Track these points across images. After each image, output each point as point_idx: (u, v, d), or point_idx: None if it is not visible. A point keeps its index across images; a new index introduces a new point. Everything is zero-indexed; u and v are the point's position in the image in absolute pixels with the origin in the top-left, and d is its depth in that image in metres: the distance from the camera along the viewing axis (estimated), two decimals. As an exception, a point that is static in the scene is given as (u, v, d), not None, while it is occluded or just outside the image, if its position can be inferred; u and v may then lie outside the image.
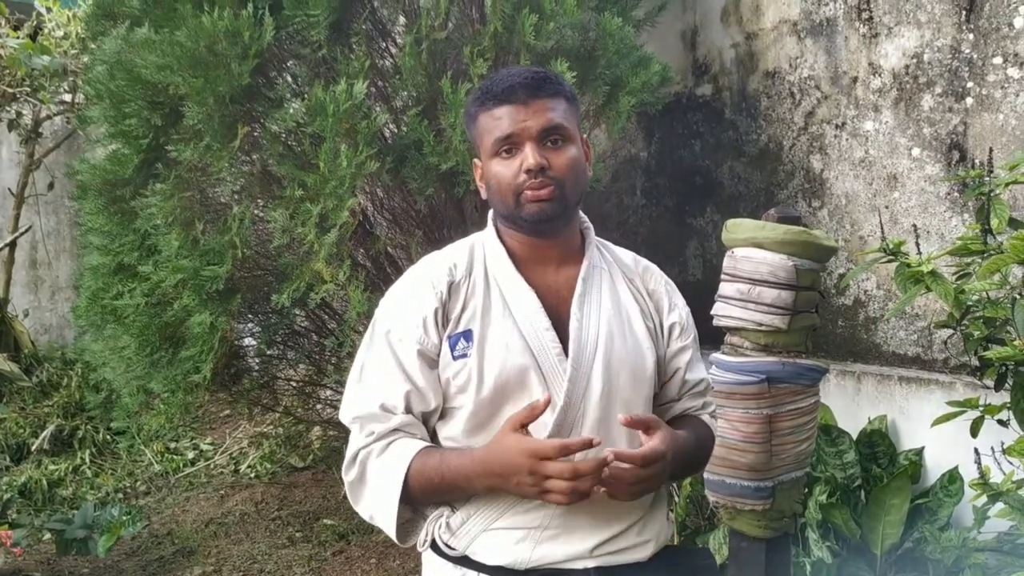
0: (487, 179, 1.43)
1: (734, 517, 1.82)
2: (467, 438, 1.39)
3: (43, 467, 5.02)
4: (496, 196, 1.41)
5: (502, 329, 1.38)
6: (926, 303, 3.20)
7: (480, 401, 1.36)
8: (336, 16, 3.04)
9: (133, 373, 3.37)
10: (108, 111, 3.24)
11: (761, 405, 1.73)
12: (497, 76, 1.45)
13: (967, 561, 2.50)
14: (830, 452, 2.94)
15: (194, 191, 3.20)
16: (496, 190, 1.41)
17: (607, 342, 1.41)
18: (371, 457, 1.37)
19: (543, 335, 1.38)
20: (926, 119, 3.21)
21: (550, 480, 1.24)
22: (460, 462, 1.34)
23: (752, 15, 3.77)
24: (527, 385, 1.36)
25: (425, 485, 1.34)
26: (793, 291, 1.75)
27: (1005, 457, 1.92)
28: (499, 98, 1.39)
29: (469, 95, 1.46)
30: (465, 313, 1.40)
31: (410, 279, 1.47)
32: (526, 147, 1.37)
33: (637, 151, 4.33)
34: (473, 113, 1.44)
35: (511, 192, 1.38)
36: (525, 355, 1.37)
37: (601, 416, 1.39)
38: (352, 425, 1.40)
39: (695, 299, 1.74)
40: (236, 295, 3.13)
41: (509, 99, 1.39)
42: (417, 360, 1.38)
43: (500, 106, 1.39)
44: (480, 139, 1.43)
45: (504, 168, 1.39)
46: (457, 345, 1.38)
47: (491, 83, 1.43)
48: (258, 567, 3.81)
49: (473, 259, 1.45)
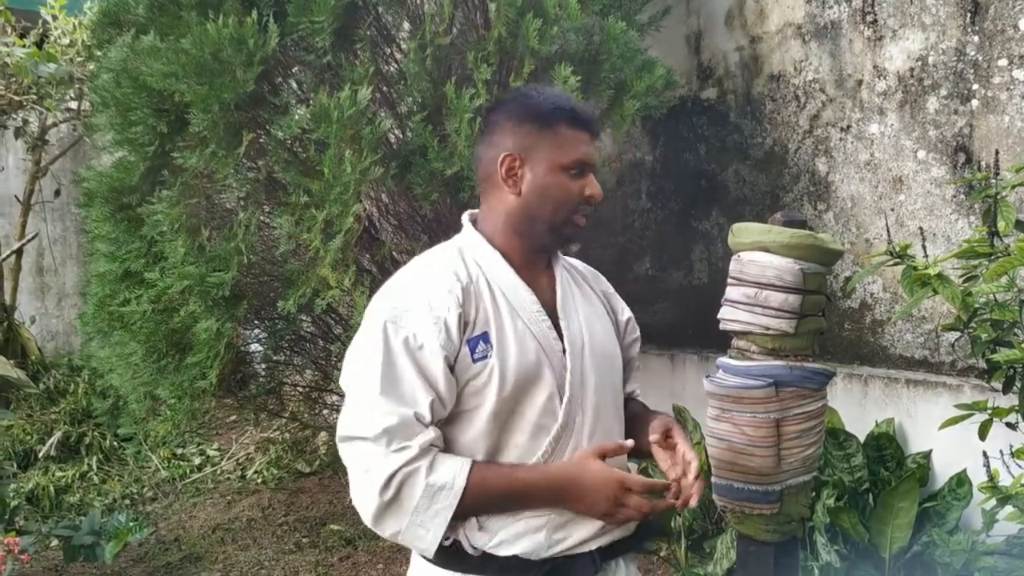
0: (544, 184, 1.46)
1: (742, 521, 1.81)
2: (484, 438, 1.42)
3: (50, 474, 5.03)
4: (549, 204, 1.47)
5: (514, 329, 1.44)
6: (933, 306, 3.19)
7: (503, 400, 1.41)
8: (340, 22, 3.05)
9: (140, 379, 3.37)
10: (114, 118, 3.26)
11: (768, 409, 1.72)
12: (571, 99, 1.51)
13: (976, 565, 2.49)
14: (838, 456, 2.94)
15: (200, 198, 3.20)
16: (553, 199, 1.47)
17: (591, 338, 1.52)
18: (418, 476, 1.34)
19: (548, 333, 1.46)
20: (931, 122, 3.20)
21: (625, 509, 1.40)
22: (530, 477, 1.41)
23: (756, 18, 3.77)
24: (542, 380, 1.43)
25: (481, 500, 1.38)
26: (800, 295, 1.74)
27: (1014, 460, 1.92)
28: (584, 124, 1.48)
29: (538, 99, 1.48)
30: (479, 316, 1.43)
31: (416, 284, 1.45)
32: (590, 177, 1.49)
33: (642, 155, 4.33)
34: (551, 121, 1.47)
35: (569, 208, 1.48)
36: (539, 353, 1.44)
37: (596, 405, 1.49)
38: (377, 440, 1.34)
39: (701, 303, 1.74)
40: (242, 301, 3.14)
41: (591, 129, 1.49)
42: (443, 366, 1.38)
43: (583, 131, 1.48)
44: (553, 148, 1.46)
45: (572, 186, 1.47)
46: (477, 348, 1.41)
47: (573, 105, 1.49)
48: (265, 573, 3.81)
49: (467, 264, 1.48)
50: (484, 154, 1.52)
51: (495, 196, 1.51)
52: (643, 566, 3.59)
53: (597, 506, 1.40)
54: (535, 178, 1.46)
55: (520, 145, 1.47)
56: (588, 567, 1.45)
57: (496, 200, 1.51)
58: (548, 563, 1.42)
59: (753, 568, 1.83)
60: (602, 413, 1.50)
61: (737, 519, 1.82)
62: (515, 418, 1.42)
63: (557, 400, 1.44)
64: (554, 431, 1.43)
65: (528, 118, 1.47)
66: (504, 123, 1.49)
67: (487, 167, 1.51)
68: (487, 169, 1.51)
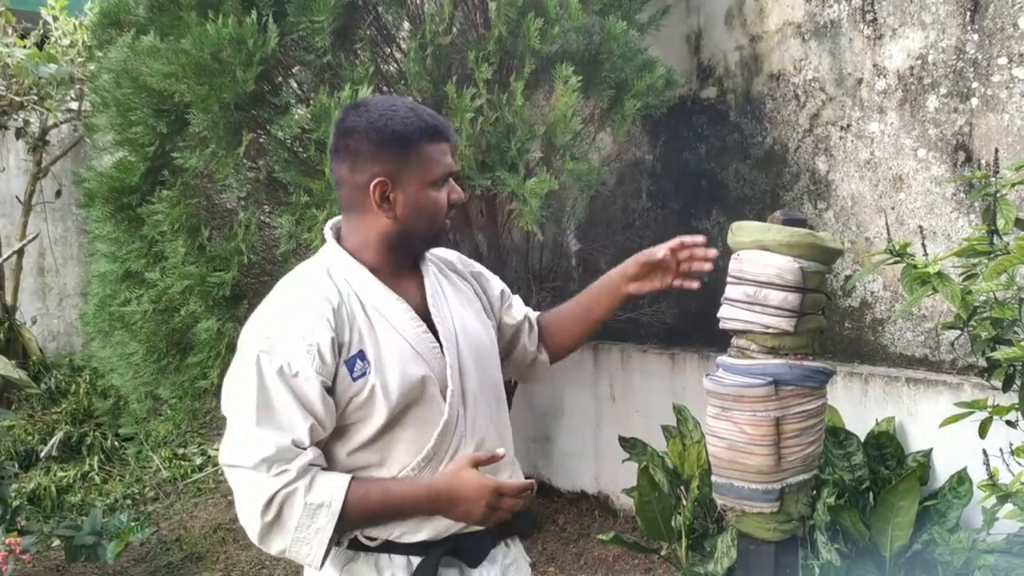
0: (417, 203, 1.51)
1: (742, 520, 1.81)
2: (371, 447, 1.49)
3: (52, 474, 5.04)
4: (425, 220, 1.53)
5: (390, 342, 1.50)
6: (933, 304, 3.20)
7: (392, 411, 1.47)
8: (340, 22, 3.05)
9: (141, 379, 3.38)
10: (114, 119, 3.26)
11: (768, 408, 1.72)
12: (422, 111, 1.53)
13: (976, 563, 2.50)
14: (838, 454, 2.94)
15: (200, 198, 3.21)
16: (428, 215, 1.53)
17: (463, 329, 1.60)
18: (296, 496, 1.39)
19: (423, 337, 1.53)
20: (931, 120, 3.20)
21: (500, 512, 1.49)
22: (407, 491, 1.48)
23: (756, 18, 3.77)
24: (425, 382, 1.50)
25: (361, 513, 1.45)
26: (800, 293, 1.74)
27: (1014, 458, 1.92)
28: (444, 136, 1.54)
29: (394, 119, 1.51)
30: (353, 336, 1.47)
31: (287, 311, 1.47)
32: (451, 183, 1.56)
33: (642, 154, 4.33)
34: (411, 141, 1.49)
35: (442, 217, 1.55)
36: (417, 360, 1.51)
37: (475, 392, 1.58)
38: (257, 468, 1.39)
39: (700, 302, 1.75)
40: (243, 301, 3.15)
41: (449, 138, 1.55)
42: (319, 391, 1.42)
43: (444, 143, 1.53)
44: (419, 168, 1.50)
45: (441, 197, 1.54)
46: (355, 367, 1.46)
47: (429, 118, 1.52)
48: (266, 573, 3.82)
49: (337, 283, 1.51)
50: (348, 178, 1.52)
51: (366, 217, 1.53)
52: (644, 565, 3.60)
53: (472, 513, 1.48)
54: (407, 198, 1.51)
55: (387, 170, 1.49)
56: (485, 543, 1.59)
57: (367, 221, 1.53)
58: (450, 540, 1.53)
59: (753, 567, 1.83)
60: (480, 400, 1.58)
61: (737, 518, 1.82)
62: (403, 420, 1.49)
63: (440, 396, 1.52)
64: (441, 424, 1.51)
65: (390, 142, 1.49)
66: (365, 148, 1.49)
67: (355, 192, 1.52)
68: (355, 193, 1.52)
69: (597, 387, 4.20)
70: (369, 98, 1.89)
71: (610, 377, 4.14)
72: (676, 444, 3.25)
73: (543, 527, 4.02)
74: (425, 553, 1.51)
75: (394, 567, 1.52)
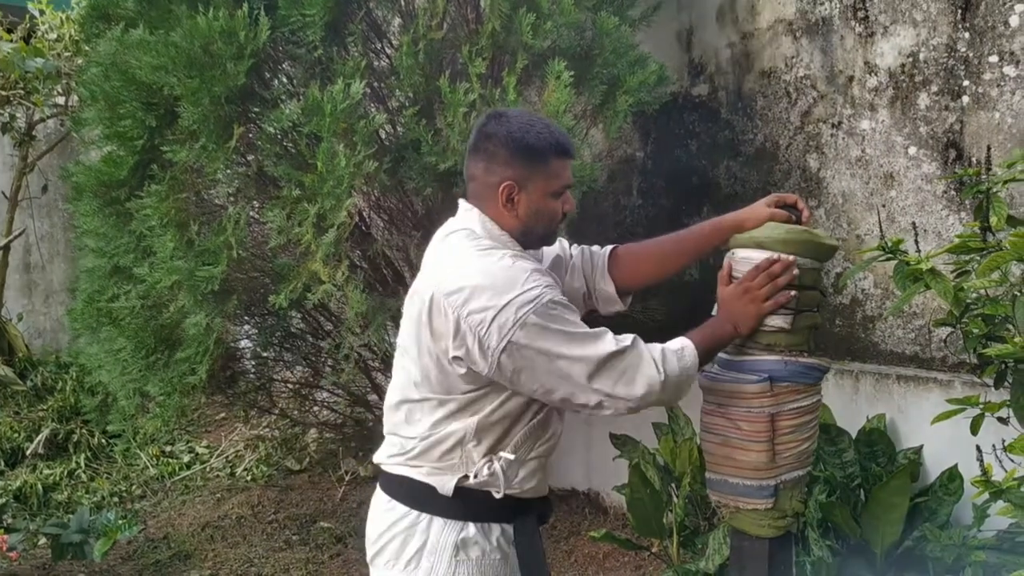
0: (537, 208, 1.72)
1: (736, 516, 1.81)
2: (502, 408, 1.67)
3: (38, 471, 4.99)
4: (543, 224, 1.74)
5: None
6: (924, 301, 3.20)
7: None
8: (331, 16, 3.03)
9: (129, 376, 3.35)
10: (103, 113, 3.23)
11: (764, 404, 1.72)
12: (555, 129, 1.75)
13: (967, 559, 2.50)
14: (829, 451, 2.94)
15: (189, 192, 3.18)
16: (546, 220, 1.74)
17: None
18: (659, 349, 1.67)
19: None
20: (922, 118, 3.21)
21: (762, 291, 1.75)
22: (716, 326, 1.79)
23: (748, 15, 3.77)
24: None
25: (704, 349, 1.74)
26: (795, 291, 1.74)
27: (1006, 454, 1.92)
28: (570, 154, 1.75)
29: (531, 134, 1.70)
30: None
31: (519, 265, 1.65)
32: (567, 194, 1.76)
33: (633, 151, 4.33)
34: (545, 155, 1.70)
35: (556, 224, 1.77)
36: None
37: None
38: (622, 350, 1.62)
39: (694, 300, 1.76)
40: (232, 297, 3.12)
41: (572, 156, 1.77)
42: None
43: (568, 159, 1.75)
44: (545, 179, 1.71)
45: (558, 206, 1.75)
46: None
47: (560, 136, 1.74)
48: (255, 570, 3.79)
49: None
50: (482, 177, 1.72)
51: (491, 209, 1.72)
52: (635, 562, 3.59)
53: (748, 310, 1.75)
54: (530, 203, 1.71)
55: (517, 175, 1.69)
56: (549, 508, 1.88)
57: (493, 213, 1.72)
58: (539, 502, 1.78)
59: (748, 563, 1.84)
60: None
61: (731, 514, 1.82)
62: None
63: None
64: None
65: (524, 152, 1.69)
66: (502, 153, 1.69)
67: (485, 188, 1.72)
68: (485, 191, 1.72)
69: (588, 384, 4.19)
70: (511, 109, 2.15)
71: (601, 374, 4.13)
72: (667, 441, 3.25)
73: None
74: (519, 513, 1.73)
75: (494, 533, 1.71)
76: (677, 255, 1.92)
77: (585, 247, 1.97)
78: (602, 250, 1.96)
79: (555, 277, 1.78)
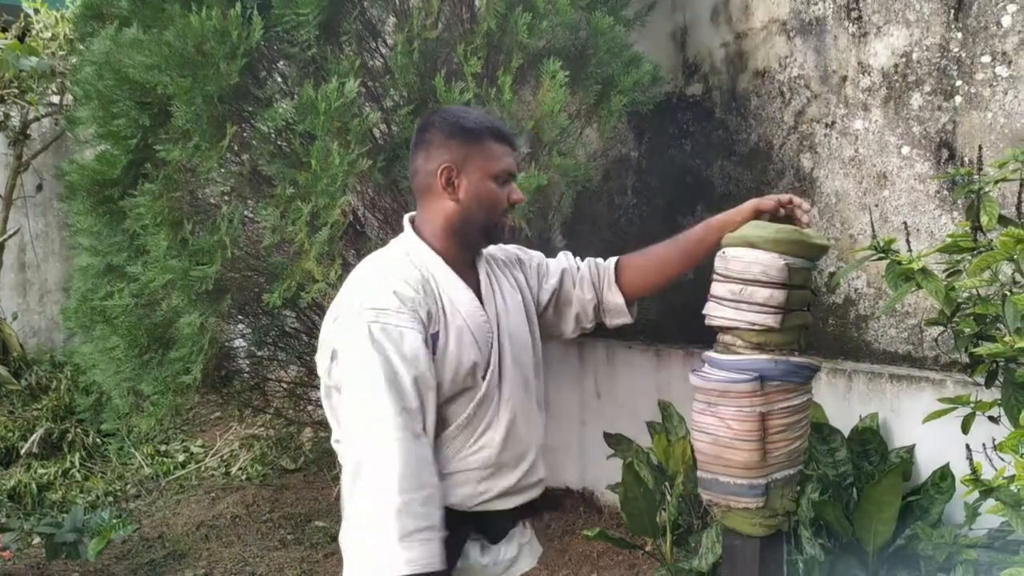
0: (477, 191, 1.69)
1: (727, 515, 1.81)
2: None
3: (32, 471, 4.99)
4: (484, 208, 1.70)
5: (454, 326, 1.66)
6: (916, 301, 3.21)
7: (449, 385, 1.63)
8: (325, 16, 3.03)
9: (123, 374, 3.34)
10: (96, 112, 3.22)
11: (754, 403, 1.72)
12: (493, 118, 1.75)
13: (959, 557, 2.51)
14: (822, 450, 2.95)
15: (183, 191, 3.18)
16: (487, 204, 1.70)
17: (506, 321, 1.76)
18: None
19: (483, 325, 1.70)
20: (915, 118, 3.22)
21: None
22: None
23: (741, 14, 3.78)
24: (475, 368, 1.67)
25: None
26: (785, 290, 1.74)
27: (996, 453, 1.93)
28: (507, 140, 1.73)
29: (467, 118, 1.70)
30: (433, 314, 1.64)
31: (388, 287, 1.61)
32: (512, 185, 1.74)
33: (628, 150, 4.34)
34: (480, 136, 1.69)
35: (500, 212, 1.71)
36: (473, 346, 1.67)
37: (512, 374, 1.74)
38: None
39: (686, 299, 1.76)
40: (226, 295, 3.12)
41: (512, 144, 1.75)
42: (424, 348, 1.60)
43: (507, 145, 1.72)
44: (484, 160, 1.69)
45: (501, 192, 1.71)
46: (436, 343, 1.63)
47: (497, 122, 1.74)
48: (250, 570, 3.79)
49: (417, 266, 1.68)
50: (421, 167, 1.71)
51: (434, 203, 1.71)
52: (628, 561, 3.60)
53: None
54: (470, 185, 1.68)
55: (454, 156, 1.68)
56: (506, 522, 1.76)
57: (435, 206, 1.71)
58: (474, 516, 1.68)
59: (739, 562, 1.84)
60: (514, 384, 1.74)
61: (723, 513, 1.82)
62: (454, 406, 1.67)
63: (482, 372, 1.67)
64: (477, 398, 1.67)
65: (460, 132, 1.69)
66: (438, 138, 1.69)
67: (425, 178, 1.71)
68: (425, 180, 1.71)
69: (582, 383, 4.20)
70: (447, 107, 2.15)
71: (595, 373, 4.14)
72: (661, 440, 3.26)
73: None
74: (455, 527, 1.62)
75: None
76: (676, 261, 1.93)
77: (590, 259, 1.97)
78: (606, 262, 1.96)
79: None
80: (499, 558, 1.77)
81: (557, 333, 1.97)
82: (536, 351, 1.84)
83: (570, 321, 1.94)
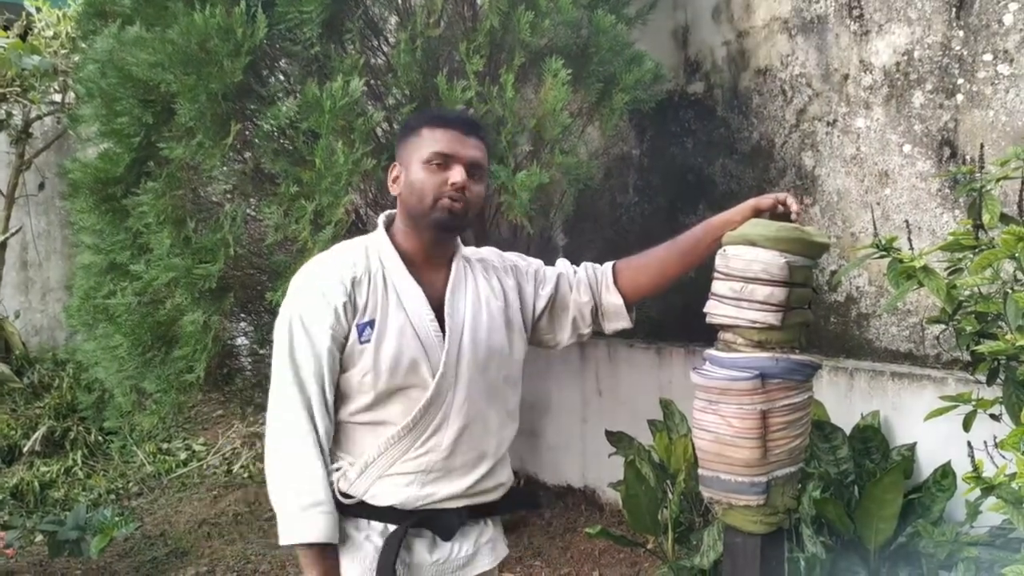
0: (408, 179, 1.70)
1: (728, 513, 1.81)
2: (367, 412, 1.68)
3: (35, 469, 5.00)
4: (415, 194, 1.69)
5: (396, 319, 1.68)
6: (918, 299, 3.22)
7: (385, 379, 1.65)
8: (329, 14, 3.04)
9: (125, 372, 3.35)
10: (99, 110, 3.23)
11: (755, 401, 1.72)
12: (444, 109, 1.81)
13: (960, 555, 2.51)
14: (823, 448, 2.95)
15: (186, 189, 3.18)
16: (418, 189, 1.68)
17: (472, 326, 1.74)
18: None
19: (428, 325, 1.69)
20: (917, 116, 3.22)
21: None
22: None
23: (743, 13, 3.78)
24: (418, 366, 1.67)
25: None
26: (786, 288, 1.74)
27: (998, 451, 1.93)
28: (447, 123, 1.72)
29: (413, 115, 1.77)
30: (369, 303, 1.67)
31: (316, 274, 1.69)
32: (455, 168, 1.68)
33: (629, 149, 4.34)
34: (415, 127, 1.73)
35: (432, 194, 1.67)
36: (415, 341, 1.68)
37: (470, 383, 1.71)
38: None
39: (687, 298, 1.76)
40: (229, 294, 3.12)
41: (454, 126, 1.72)
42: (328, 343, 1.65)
43: (446, 129, 1.71)
44: (416, 148, 1.70)
45: (431, 176, 1.68)
46: (364, 332, 1.66)
47: (440, 111, 1.81)
48: (252, 567, 3.80)
49: (368, 258, 1.71)
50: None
51: (397, 203, 1.76)
52: (630, 559, 3.61)
53: None
54: (406, 176, 1.71)
55: (400, 155, 1.74)
56: (453, 520, 1.73)
57: (397, 205, 1.76)
58: (418, 513, 1.68)
59: (740, 560, 1.84)
60: (473, 392, 1.72)
61: (724, 511, 1.82)
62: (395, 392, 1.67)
63: (430, 375, 1.67)
64: (423, 400, 1.66)
65: (403, 131, 1.77)
66: (397, 142, 1.78)
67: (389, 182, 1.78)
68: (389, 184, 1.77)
69: (583, 381, 4.20)
70: None
71: (596, 371, 4.15)
72: (662, 438, 3.26)
73: (530, 521, 4.02)
74: (398, 522, 1.67)
75: (370, 530, 1.69)
76: (676, 260, 1.91)
77: (587, 263, 1.95)
78: (603, 266, 1.95)
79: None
80: (451, 555, 1.74)
81: (553, 343, 1.94)
82: (512, 360, 1.81)
83: (566, 327, 1.91)
